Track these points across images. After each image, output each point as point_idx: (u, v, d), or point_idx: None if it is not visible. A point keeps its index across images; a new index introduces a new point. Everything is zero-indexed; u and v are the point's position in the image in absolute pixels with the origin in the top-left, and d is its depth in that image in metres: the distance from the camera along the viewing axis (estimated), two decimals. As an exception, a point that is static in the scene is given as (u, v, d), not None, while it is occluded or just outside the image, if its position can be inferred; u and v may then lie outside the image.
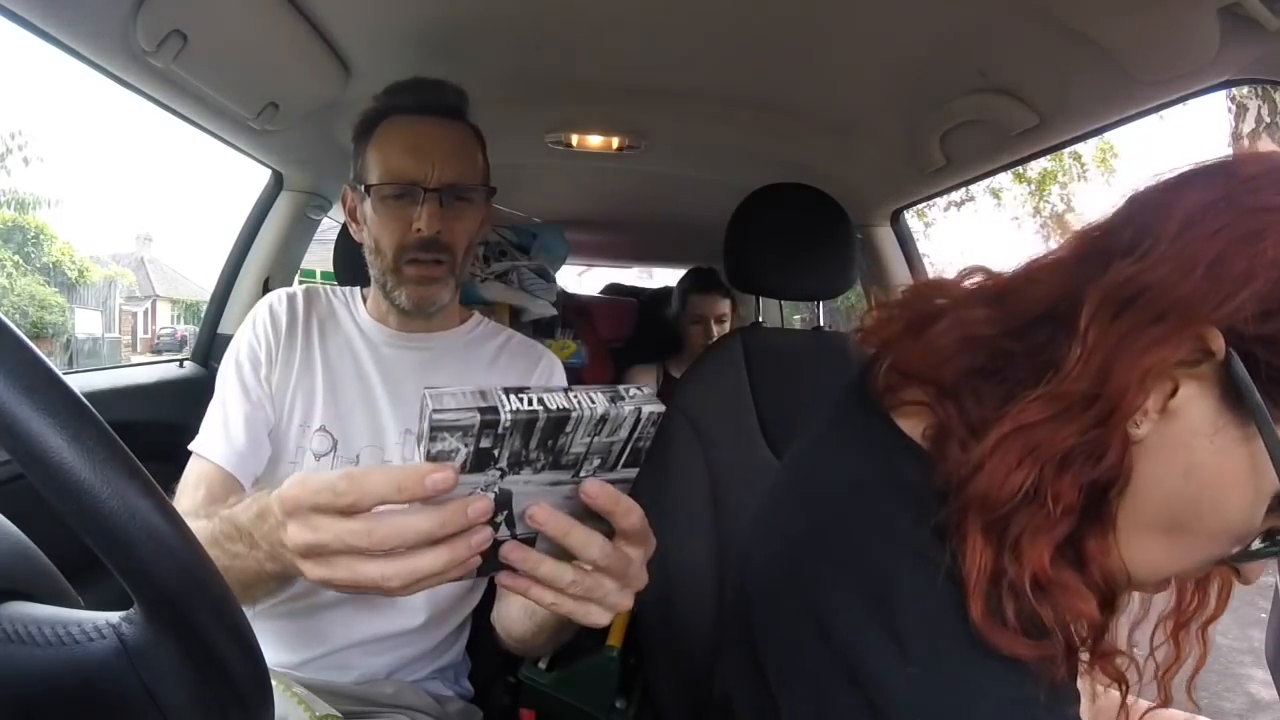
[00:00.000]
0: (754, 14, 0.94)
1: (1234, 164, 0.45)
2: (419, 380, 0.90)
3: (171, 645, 0.29)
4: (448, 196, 0.86)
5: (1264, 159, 0.45)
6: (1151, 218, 0.44)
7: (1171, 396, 0.42)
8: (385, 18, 1.01)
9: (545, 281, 2.08)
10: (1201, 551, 0.45)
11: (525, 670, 1.08)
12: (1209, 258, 0.41)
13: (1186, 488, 0.43)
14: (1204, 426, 0.42)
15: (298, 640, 0.87)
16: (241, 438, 0.84)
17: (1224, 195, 0.42)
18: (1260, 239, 0.40)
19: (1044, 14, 0.82)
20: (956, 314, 0.51)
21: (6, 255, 12.72)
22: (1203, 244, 0.41)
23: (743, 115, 1.31)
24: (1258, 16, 0.71)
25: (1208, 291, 0.40)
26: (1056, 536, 0.43)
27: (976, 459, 0.44)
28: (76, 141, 47.09)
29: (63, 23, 0.83)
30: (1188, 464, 0.43)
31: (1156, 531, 0.45)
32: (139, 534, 0.27)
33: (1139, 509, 0.44)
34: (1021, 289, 0.49)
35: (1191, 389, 0.42)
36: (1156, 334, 0.41)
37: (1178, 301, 0.41)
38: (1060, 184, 10.02)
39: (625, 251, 3.16)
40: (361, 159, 0.90)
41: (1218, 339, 0.40)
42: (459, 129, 0.90)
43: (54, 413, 0.26)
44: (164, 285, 21.02)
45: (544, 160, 1.59)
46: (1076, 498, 0.43)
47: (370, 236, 0.89)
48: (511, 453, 0.38)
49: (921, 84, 1.09)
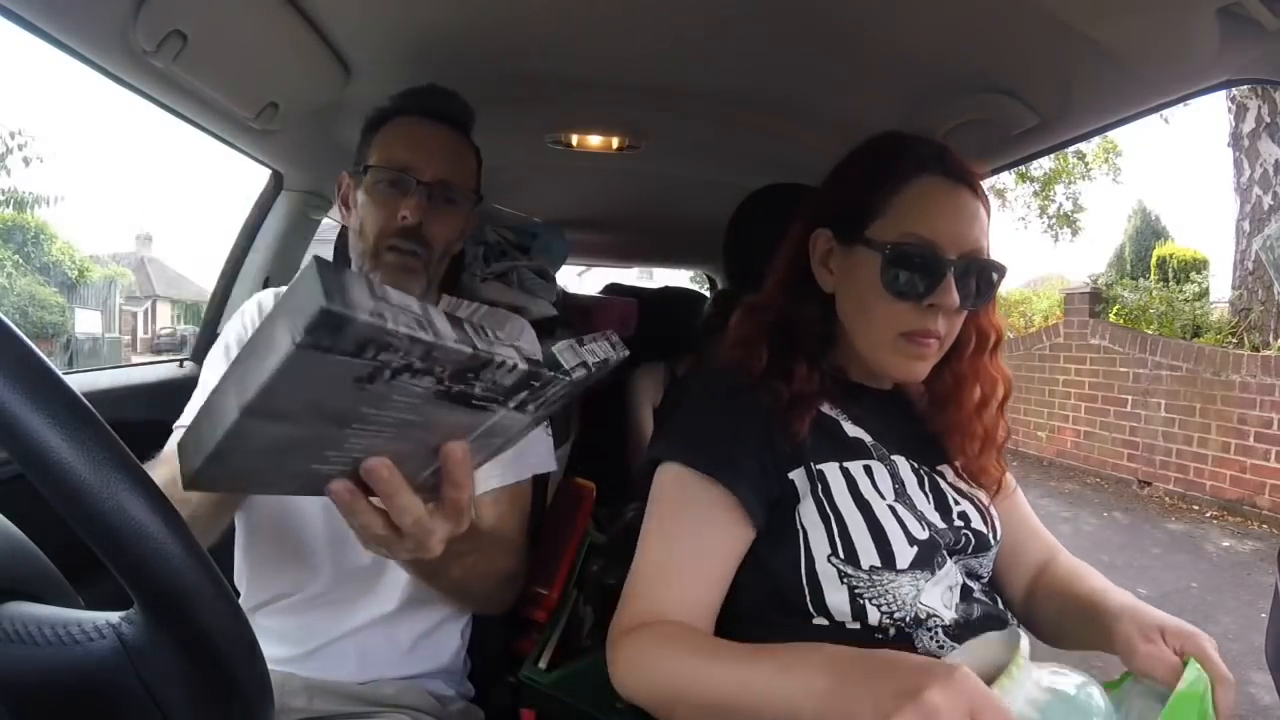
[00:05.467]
0: (754, 14, 0.94)
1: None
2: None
3: (171, 644, 0.29)
4: (437, 192, 0.90)
5: None
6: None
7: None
8: (386, 18, 1.01)
9: (545, 281, 2.08)
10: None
11: (526, 670, 1.08)
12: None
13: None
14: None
15: (293, 635, 0.88)
16: None
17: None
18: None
19: (1045, 14, 0.82)
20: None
21: (6, 255, 12.71)
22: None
23: (743, 115, 1.31)
24: (1258, 16, 0.71)
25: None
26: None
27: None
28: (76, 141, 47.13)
29: (63, 23, 0.82)
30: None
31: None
32: (138, 534, 0.27)
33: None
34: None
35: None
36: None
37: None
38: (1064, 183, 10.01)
39: (625, 251, 3.16)
40: (366, 149, 0.94)
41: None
42: (460, 138, 0.96)
43: (54, 413, 0.26)
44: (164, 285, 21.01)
45: (544, 160, 1.59)
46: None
47: (357, 219, 0.93)
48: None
49: (922, 84, 1.09)
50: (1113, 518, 4.86)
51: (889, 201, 0.76)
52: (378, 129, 0.94)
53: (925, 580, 0.72)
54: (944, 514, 0.78)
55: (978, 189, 0.77)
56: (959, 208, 0.75)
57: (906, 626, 0.71)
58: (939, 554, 0.74)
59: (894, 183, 0.76)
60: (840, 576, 0.71)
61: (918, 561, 0.72)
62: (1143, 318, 6.12)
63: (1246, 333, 5.55)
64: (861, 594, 0.70)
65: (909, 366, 0.77)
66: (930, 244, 0.73)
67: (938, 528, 0.76)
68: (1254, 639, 2.88)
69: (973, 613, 0.74)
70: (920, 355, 0.76)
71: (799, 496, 0.74)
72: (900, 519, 0.74)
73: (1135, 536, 4.43)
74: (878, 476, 0.77)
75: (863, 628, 0.71)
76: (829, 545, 0.72)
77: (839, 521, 0.72)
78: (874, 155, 0.81)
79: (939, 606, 0.72)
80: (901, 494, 0.77)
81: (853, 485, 0.75)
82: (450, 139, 0.94)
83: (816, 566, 0.72)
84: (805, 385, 0.76)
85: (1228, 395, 4.95)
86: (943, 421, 0.85)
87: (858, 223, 0.77)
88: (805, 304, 0.81)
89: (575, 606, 1.28)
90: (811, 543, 0.72)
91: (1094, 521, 4.72)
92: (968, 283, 0.74)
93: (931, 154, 0.77)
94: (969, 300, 0.75)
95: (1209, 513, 4.91)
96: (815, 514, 0.73)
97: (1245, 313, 5.72)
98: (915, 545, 0.72)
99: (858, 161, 0.82)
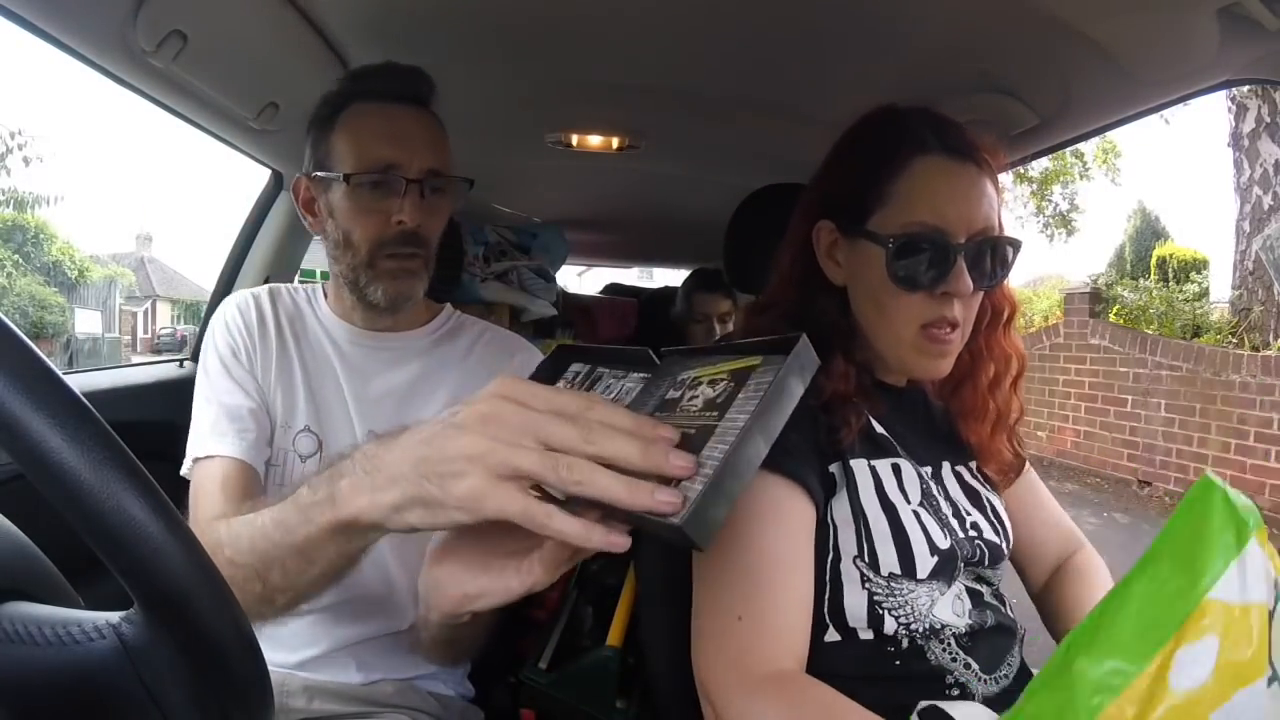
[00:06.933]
0: (754, 14, 0.94)
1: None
2: (384, 380, 0.89)
3: (171, 645, 0.29)
4: (428, 186, 0.83)
5: None
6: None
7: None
8: (385, 18, 1.01)
9: (545, 281, 2.08)
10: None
11: (526, 670, 1.08)
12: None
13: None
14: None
15: (295, 640, 0.86)
16: (251, 427, 0.82)
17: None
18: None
19: (1045, 15, 0.82)
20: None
21: (6, 255, 12.71)
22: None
23: (743, 115, 1.31)
24: (1258, 16, 0.71)
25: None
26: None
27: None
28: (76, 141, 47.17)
29: (63, 23, 0.82)
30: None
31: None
32: (138, 534, 0.27)
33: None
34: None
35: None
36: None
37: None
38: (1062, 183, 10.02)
39: (625, 251, 3.16)
40: (325, 146, 0.84)
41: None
42: (431, 117, 0.86)
43: (54, 413, 0.26)
44: (164, 285, 21.01)
45: (544, 160, 1.59)
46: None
47: (338, 229, 0.84)
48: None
49: (922, 84, 1.09)
50: (1112, 518, 4.87)
51: (889, 190, 0.72)
52: (335, 121, 0.84)
53: (940, 593, 0.70)
54: (960, 523, 0.76)
55: (982, 162, 0.72)
56: (965, 187, 0.71)
57: (919, 638, 0.69)
58: (957, 565, 0.72)
59: (893, 168, 0.72)
60: (862, 580, 0.69)
61: (936, 572, 0.70)
62: (1143, 318, 6.12)
63: (1246, 333, 5.55)
64: (880, 601, 0.68)
65: (932, 365, 0.74)
66: (937, 230, 0.69)
67: (958, 536, 0.74)
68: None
69: (986, 621, 0.73)
70: (942, 353, 0.73)
71: (835, 489, 0.71)
72: (924, 525, 0.71)
73: (1135, 536, 4.42)
74: (905, 477, 0.74)
75: (877, 638, 0.69)
76: (856, 547, 0.69)
77: (865, 524, 0.70)
78: (869, 139, 0.77)
79: (950, 617, 0.70)
80: (928, 495, 0.75)
81: (879, 485, 0.72)
82: (426, 121, 0.85)
83: (841, 566, 0.69)
84: (842, 384, 0.72)
85: (1228, 395, 4.95)
86: (956, 402, 0.82)
87: (859, 215, 0.74)
88: (819, 297, 0.77)
89: (575, 606, 1.28)
90: (841, 540, 0.70)
91: (1094, 521, 4.71)
92: (981, 264, 0.71)
93: (930, 131, 0.72)
94: (984, 281, 0.72)
95: (1209, 513, 4.91)
96: (847, 511, 0.70)
97: (1245, 313, 5.72)
98: (936, 555, 0.70)
99: (853, 147, 0.78)
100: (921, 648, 0.70)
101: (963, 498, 0.79)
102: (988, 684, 0.71)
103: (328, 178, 0.84)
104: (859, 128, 0.79)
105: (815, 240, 0.78)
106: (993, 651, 0.73)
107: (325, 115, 0.85)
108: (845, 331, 0.76)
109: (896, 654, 0.69)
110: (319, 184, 0.86)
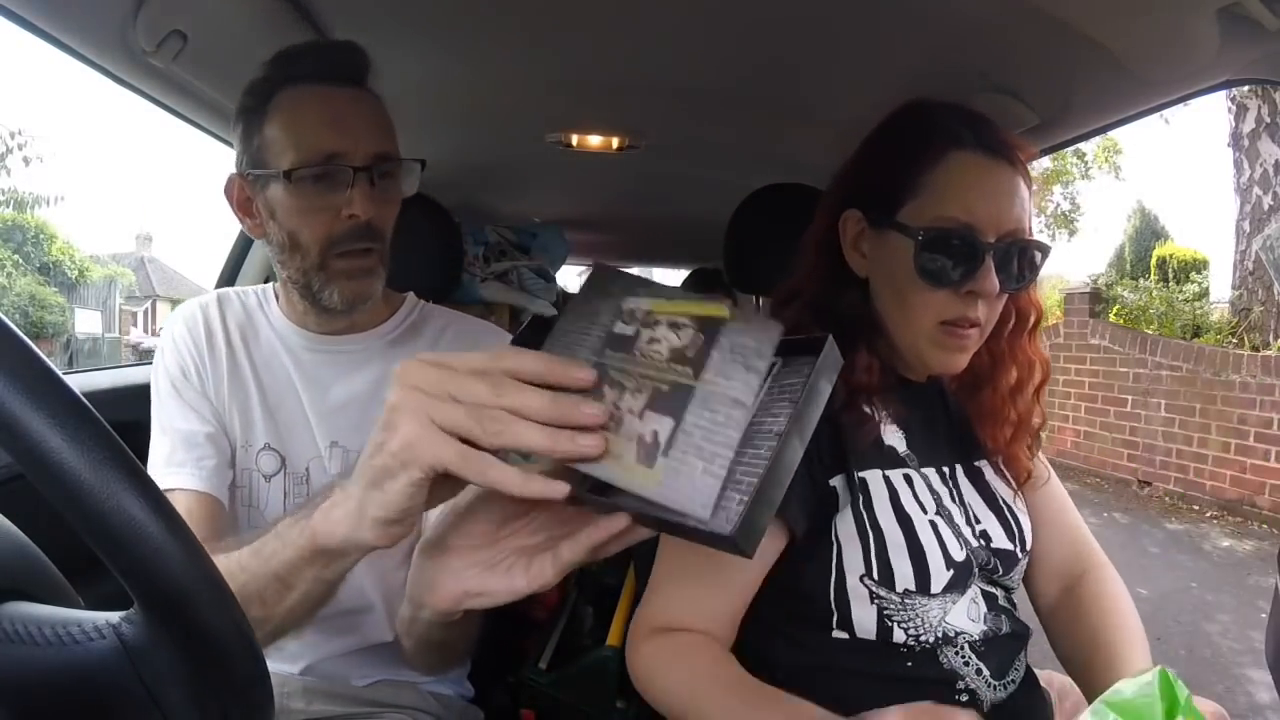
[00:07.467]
0: (755, 14, 0.94)
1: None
2: (344, 387, 0.83)
3: (171, 645, 0.29)
4: (378, 173, 0.75)
5: None
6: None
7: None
8: (385, 19, 1.01)
9: (545, 281, 2.08)
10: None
11: (526, 670, 1.08)
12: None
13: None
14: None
15: (290, 647, 0.85)
16: (210, 454, 0.78)
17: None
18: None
19: (1045, 15, 0.82)
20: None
21: (6, 255, 12.70)
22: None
23: (743, 115, 1.30)
24: (1258, 17, 0.71)
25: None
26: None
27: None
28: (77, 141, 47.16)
29: (63, 23, 0.82)
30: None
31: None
32: (138, 534, 0.27)
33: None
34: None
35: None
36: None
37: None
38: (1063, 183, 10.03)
39: (625, 251, 3.16)
40: (257, 139, 0.76)
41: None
42: (371, 97, 0.78)
43: (54, 413, 0.26)
44: (164, 285, 21.00)
45: (544, 160, 1.58)
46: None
47: (282, 231, 0.76)
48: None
49: (923, 84, 1.09)
50: (1112, 518, 4.87)
51: (921, 182, 0.70)
52: (264, 111, 0.75)
53: (953, 603, 0.70)
54: (971, 531, 0.75)
55: (1017, 161, 0.71)
56: (996, 185, 0.70)
57: (930, 646, 0.69)
58: (971, 574, 0.72)
59: (926, 161, 0.70)
60: (871, 597, 0.68)
61: (951, 585, 0.69)
62: (1143, 318, 6.11)
63: (1246, 333, 5.55)
64: (891, 615, 0.68)
65: (948, 359, 0.73)
66: (967, 227, 0.68)
67: (973, 546, 0.73)
68: (1253, 638, 2.88)
69: (1000, 627, 0.72)
70: (960, 347, 0.72)
71: (838, 506, 0.70)
72: (940, 536, 0.71)
73: (1135, 536, 4.43)
74: (918, 487, 0.73)
75: (884, 644, 0.69)
76: (863, 565, 0.68)
77: (878, 539, 0.69)
78: (903, 130, 0.76)
79: (965, 623, 0.70)
80: (941, 506, 0.74)
81: (894, 497, 0.71)
82: (367, 101, 0.77)
83: (847, 584, 0.68)
84: (866, 377, 0.71)
85: (1228, 395, 4.95)
86: (975, 405, 0.81)
87: (889, 205, 0.72)
88: (844, 289, 0.76)
89: (575, 606, 1.29)
90: (845, 559, 0.69)
91: (1094, 521, 4.71)
92: (1009, 266, 0.70)
93: (965, 126, 0.71)
94: (1010, 283, 0.71)
95: (1209, 513, 4.91)
96: (853, 527, 0.69)
97: (1245, 313, 5.72)
98: (952, 568, 0.69)
99: (886, 137, 0.77)
100: (934, 652, 0.69)
101: (977, 500, 0.78)
102: (996, 690, 0.71)
103: (264, 174, 0.75)
104: (893, 119, 0.77)
105: (841, 230, 0.77)
106: (1003, 657, 0.73)
107: (252, 105, 0.77)
108: (869, 324, 0.75)
109: (909, 656, 0.69)
110: (254, 182, 0.77)
